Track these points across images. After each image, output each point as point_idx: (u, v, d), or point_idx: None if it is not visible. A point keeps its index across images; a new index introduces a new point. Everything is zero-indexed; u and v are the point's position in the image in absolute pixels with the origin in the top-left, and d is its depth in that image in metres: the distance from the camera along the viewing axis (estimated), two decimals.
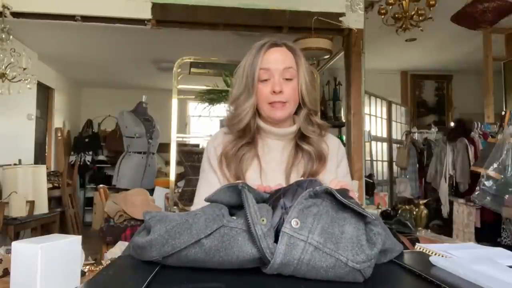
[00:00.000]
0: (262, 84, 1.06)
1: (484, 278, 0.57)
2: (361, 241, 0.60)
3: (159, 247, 0.63)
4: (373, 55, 4.31)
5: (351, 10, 3.35)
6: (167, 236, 0.63)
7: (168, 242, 0.62)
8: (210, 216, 0.63)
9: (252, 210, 0.61)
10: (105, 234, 2.98)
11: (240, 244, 0.60)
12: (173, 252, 0.62)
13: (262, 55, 1.05)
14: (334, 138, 1.21)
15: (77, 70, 5.90)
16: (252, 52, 1.08)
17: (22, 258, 0.77)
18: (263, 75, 1.05)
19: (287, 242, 0.59)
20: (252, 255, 0.60)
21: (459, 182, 3.81)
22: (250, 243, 0.60)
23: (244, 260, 0.60)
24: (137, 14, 3.13)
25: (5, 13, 3.06)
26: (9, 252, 1.34)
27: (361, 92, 3.38)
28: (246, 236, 0.60)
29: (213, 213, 0.64)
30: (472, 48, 4.78)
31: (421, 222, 2.96)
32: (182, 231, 0.62)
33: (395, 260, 0.72)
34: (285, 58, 1.07)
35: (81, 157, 6.52)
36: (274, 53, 1.06)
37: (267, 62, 1.05)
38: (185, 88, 3.01)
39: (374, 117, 5.27)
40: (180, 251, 0.62)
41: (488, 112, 4.36)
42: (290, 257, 0.58)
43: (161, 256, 0.63)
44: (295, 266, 0.59)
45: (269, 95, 1.05)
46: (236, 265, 0.61)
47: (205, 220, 0.63)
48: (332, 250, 0.59)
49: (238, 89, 1.09)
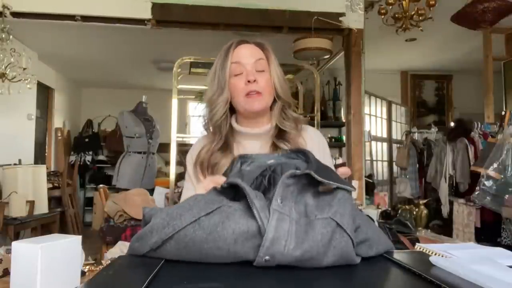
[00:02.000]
0: (235, 78, 1.08)
1: (484, 278, 0.57)
2: (331, 203, 0.69)
3: (160, 230, 0.66)
4: (373, 55, 4.31)
5: (351, 10, 3.35)
6: (168, 218, 0.67)
7: (169, 224, 0.66)
8: (210, 199, 0.69)
9: (248, 189, 0.66)
10: (105, 234, 2.98)
11: (236, 218, 0.65)
12: (173, 234, 0.65)
13: (232, 52, 1.09)
14: (311, 130, 1.19)
15: (77, 70, 5.90)
16: (221, 54, 1.11)
17: (22, 258, 0.77)
18: (236, 69, 1.08)
19: (277, 217, 0.64)
20: (247, 227, 0.64)
21: (459, 182, 3.81)
22: (247, 217, 0.65)
23: (239, 233, 0.64)
24: (137, 14, 3.13)
25: (5, 13, 3.06)
26: (9, 252, 1.34)
27: (361, 92, 3.38)
28: (242, 213, 0.66)
29: (213, 198, 0.70)
30: (472, 48, 4.78)
31: (421, 222, 2.96)
32: (183, 212, 0.67)
33: (395, 260, 0.72)
34: (255, 52, 1.10)
35: (81, 157, 6.52)
36: (244, 48, 1.10)
37: (237, 57, 1.08)
38: (185, 88, 3.02)
39: (374, 117, 5.27)
40: (179, 232, 0.65)
41: (488, 112, 4.36)
42: (280, 230, 0.63)
43: (161, 240, 0.66)
44: (286, 239, 0.63)
45: (244, 87, 1.07)
46: (231, 243, 0.64)
47: (205, 202, 0.68)
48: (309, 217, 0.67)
49: (211, 90, 1.12)
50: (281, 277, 0.62)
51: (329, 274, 0.68)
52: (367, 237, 0.72)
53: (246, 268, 0.65)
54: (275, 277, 0.62)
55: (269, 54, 1.12)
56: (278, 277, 0.62)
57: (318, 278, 0.64)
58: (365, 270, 0.74)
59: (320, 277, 0.64)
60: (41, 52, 4.86)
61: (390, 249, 0.77)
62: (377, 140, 5.33)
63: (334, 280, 0.65)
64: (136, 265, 0.68)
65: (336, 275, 0.68)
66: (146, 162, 4.31)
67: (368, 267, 0.75)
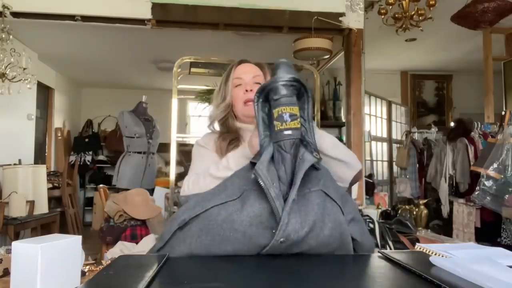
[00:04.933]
0: (236, 89, 1.30)
1: (484, 278, 0.57)
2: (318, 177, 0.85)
3: (190, 209, 0.81)
4: (373, 55, 4.31)
5: (351, 10, 3.35)
6: (200, 200, 0.82)
7: (200, 204, 0.81)
8: (236, 186, 0.83)
9: (264, 178, 0.77)
10: (105, 234, 2.98)
11: (252, 201, 0.78)
12: (201, 212, 0.79)
13: (234, 70, 1.33)
14: None
15: (77, 70, 5.90)
16: (226, 71, 1.36)
17: (22, 258, 0.77)
18: (237, 82, 1.31)
19: (291, 205, 0.75)
20: (260, 211, 0.77)
21: (459, 182, 3.80)
22: (261, 201, 0.77)
23: (253, 216, 0.77)
24: (137, 14, 3.13)
25: (5, 13, 3.06)
26: (9, 252, 1.34)
27: (361, 92, 3.38)
28: (258, 196, 0.78)
29: (239, 184, 0.84)
30: (472, 48, 4.78)
31: (421, 222, 2.96)
32: (213, 197, 0.82)
33: (395, 260, 0.72)
34: (253, 69, 1.34)
35: (81, 157, 6.51)
36: (244, 66, 1.35)
37: (239, 73, 1.32)
38: (185, 88, 3.02)
39: (374, 117, 5.27)
40: (206, 211, 0.79)
41: (488, 112, 4.36)
42: (292, 214, 0.74)
43: (189, 217, 0.80)
44: (295, 219, 0.75)
45: (243, 95, 1.28)
46: (246, 225, 0.76)
47: (232, 189, 0.83)
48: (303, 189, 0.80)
49: (216, 99, 1.34)
50: (280, 277, 0.62)
51: (329, 274, 0.68)
52: (354, 217, 0.90)
53: (246, 268, 0.65)
54: (274, 277, 0.62)
55: (266, 72, 1.35)
56: (277, 277, 0.62)
57: (318, 278, 0.64)
58: (365, 270, 0.74)
59: (320, 277, 0.64)
60: (41, 52, 4.86)
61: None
62: (377, 140, 5.33)
63: (334, 280, 0.65)
64: (136, 265, 0.68)
65: (336, 275, 0.68)
66: (146, 162, 4.30)
67: (368, 267, 0.75)
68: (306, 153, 0.80)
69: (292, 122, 0.80)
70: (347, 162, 1.06)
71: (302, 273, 0.66)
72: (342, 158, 1.06)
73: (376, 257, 0.77)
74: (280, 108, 0.81)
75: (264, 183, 0.75)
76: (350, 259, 0.80)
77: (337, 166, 1.03)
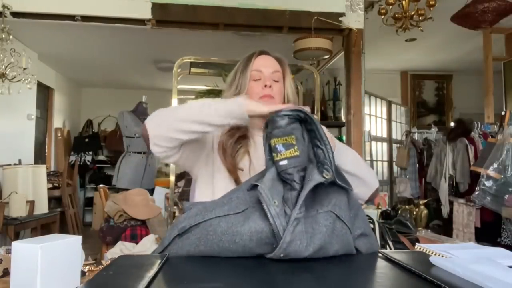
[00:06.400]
0: (254, 83, 1.20)
1: (484, 278, 0.57)
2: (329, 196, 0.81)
3: (192, 217, 0.80)
4: (373, 55, 4.31)
5: (351, 10, 3.35)
6: (202, 209, 0.81)
7: (201, 213, 0.80)
8: (241, 201, 0.81)
9: (265, 195, 0.75)
10: (105, 234, 2.98)
11: (255, 218, 0.76)
12: (201, 222, 0.79)
13: (253, 60, 1.22)
14: None
15: (77, 70, 5.89)
16: (243, 60, 1.24)
17: (22, 258, 0.77)
18: (256, 76, 1.21)
19: (295, 223, 0.73)
20: (261, 228, 0.75)
21: (459, 182, 3.80)
22: (264, 219, 0.75)
23: (255, 231, 0.75)
24: (137, 14, 3.13)
25: (5, 13, 3.05)
26: (9, 252, 1.34)
27: (361, 92, 3.38)
28: (262, 214, 0.76)
29: (245, 198, 0.82)
30: (472, 48, 4.78)
31: (421, 222, 2.96)
32: (216, 207, 0.81)
33: (395, 260, 0.72)
34: (273, 64, 1.23)
35: (81, 157, 6.51)
36: (264, 59, 1.23)
37: (258, 65, 1.21)
38: (185, 88, 3.02)
39: (374, 117, 5.27)
40: (207, 221, 0.78)
41: (488, 112, 4.36)
42: (296, 233, 0.72)
43: (189, 225, 0.79)
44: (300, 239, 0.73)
45: (261, 90, 1.19)
46: (247, 239, 0.75)
47: (237, 203, 0.81)
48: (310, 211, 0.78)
49: (229, 91, 1.23)
50: (280, 278, 0.62)
51: (331, 274, 0.68)
52: (363, 232, 0.86)
53: (246, 268, 0.65)
54: (274, 278, 0.62)
55: (286, 69, 1.25)
56: (277, 278, 0.62)
57: (320, 279, 0.64)
58: (365, 270, 0.74)
59: (322, 278, 0.64)
60: (41, 52, 4.86)
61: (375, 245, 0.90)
62: (377, 140, 5.33)
63: (334, 280, 0.65)
64: (136, 265, 0.68)
65: (336, 275, 0.68)
66: (146, 162, 4.31)
67: (368, 267, 0.75)
68: (316, 173, 0.80)
69: (288, 151, 0.81)
70: (366, 180, 1.05)
71: (302, 274, 0.66)
72: (360, 175, 1.04)
73: (376, 257, 0.77)
74: (273, 140, 0.83)
75: (264, 200, 0.74)
76: (350, 259, 0.80)
77: (354, 183, 1.00)
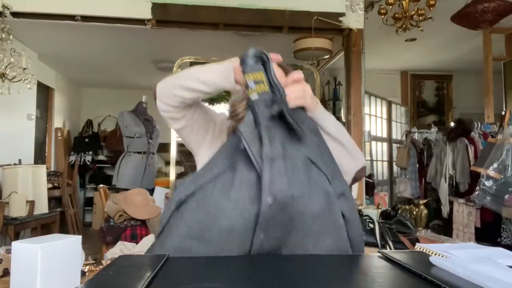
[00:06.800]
0: None
1: (484, 278, 0.57)
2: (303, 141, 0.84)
3: (187, 186, 0.82)
4: (373, 55, 4.31)
5: (351, 10, 3.35)
6: (194, 177, 0.84)
7: (194, 181, 0.82)
8: (227, 155, 0.84)
9: (246, 137, 0.78)
10: (105, 234, 2.98)
11: (241, 167, 0.79)
12: (195, 190, 0.80)
13: None
14: None
15: (77, 70, 5.89)
16: None
17: (22, 258, 0.77)
18: None
19: (270, 161, 0.75)
20: (248, 176, 0.78)
21: (459, 182, 3.81)
22: (249, 167, 0.78)
23: (241, 180, 0.77)
24: (137, 14, 3.13)
25: (5, 13, 3.06)
26: (9, 252, 1.34)
27: (361, 92, 3.38)
28: (247, 163, 0.78)
29: (230, 154, 0.85)
30: (472, 48, 4.78)
31: (421, 222, 2.95)
32: (206, 172, 0.83)
33: (395, 260, 0.72)
34: (276, 71, 1.22)
35: (81, 157, 6.51)
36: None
37: None
38: None
39: (374, 117, 5.27)
40: (202, 187, 0.80)
41: (488, 112, 4.36)
42: (274, 171, 0.75)
43: (185, 195, 0.81)
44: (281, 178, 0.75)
45: None
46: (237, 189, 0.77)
47: (222, 159, 0.84)
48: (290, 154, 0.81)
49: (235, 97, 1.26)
50: (280, 278, 0.62)
51: (329, 274, 0.68)
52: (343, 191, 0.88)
53: (246, 268, 0.65)
54: (274, 278, 0.62)
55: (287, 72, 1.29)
56: (277, 278, 0.62)
57: (317, 278, 0.64)
58: (365, 270, 0.74)
59: (319, 277, 0.65)
60: (41, 52, 4.86)
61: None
62: (377, 140, 5.33)
63: (334, 280, 0.65)
64: (136, 265, 0.68)
65: (336, 275, 0.68)
66: (146, 162, 4.31)
67: (368, 267, 0.75)
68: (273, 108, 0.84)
69: (258, 86, 0.85)
70: (349, 149, 1.02)
71: (301, 274, 0.66)
72: (343, 142, 1.01)
73: (376, 257, 0.77)
74: (245, 76, 0.86)
75: (245, 141, 0.77)
76: (349, 259, 0.80)
77: (339, 152, 0.98)
